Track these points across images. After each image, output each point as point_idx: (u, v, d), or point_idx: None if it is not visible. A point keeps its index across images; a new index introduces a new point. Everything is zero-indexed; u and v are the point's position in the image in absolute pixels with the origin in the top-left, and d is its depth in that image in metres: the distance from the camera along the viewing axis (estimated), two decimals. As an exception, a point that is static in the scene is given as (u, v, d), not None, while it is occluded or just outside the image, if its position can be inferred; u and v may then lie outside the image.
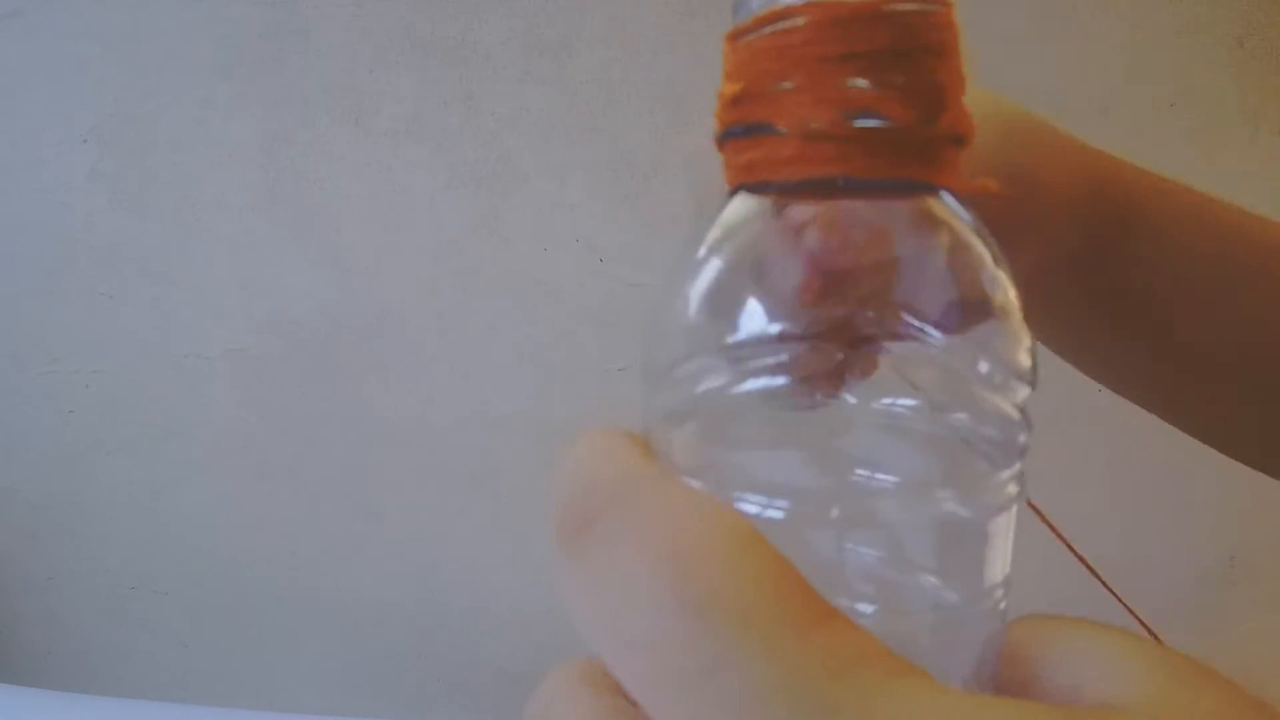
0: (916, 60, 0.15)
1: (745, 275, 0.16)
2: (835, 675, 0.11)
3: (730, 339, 0.16)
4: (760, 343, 0.15)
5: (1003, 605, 0.16)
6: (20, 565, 0.93)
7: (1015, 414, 0.16)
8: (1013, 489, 0.16)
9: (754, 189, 0.16)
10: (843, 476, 0.15)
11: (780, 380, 0.15)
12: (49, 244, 0.85)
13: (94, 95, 0.82)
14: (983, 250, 0.16)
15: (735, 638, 0.12)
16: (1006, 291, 0.16)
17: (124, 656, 0.94)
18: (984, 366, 0.16)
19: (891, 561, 0.15)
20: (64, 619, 0.94)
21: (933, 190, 0.16)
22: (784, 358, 0.15)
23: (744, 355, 0.16)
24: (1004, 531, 0.16)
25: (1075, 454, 0.82)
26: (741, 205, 0.17)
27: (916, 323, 0.15)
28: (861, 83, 0.15)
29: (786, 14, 0.15)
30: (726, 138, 0.17)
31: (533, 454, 0.86)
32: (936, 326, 0.15)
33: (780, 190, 0.16)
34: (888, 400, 0.15)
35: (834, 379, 0.16)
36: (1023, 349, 0.16)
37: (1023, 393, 0.16)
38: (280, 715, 0.68)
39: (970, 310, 0.16)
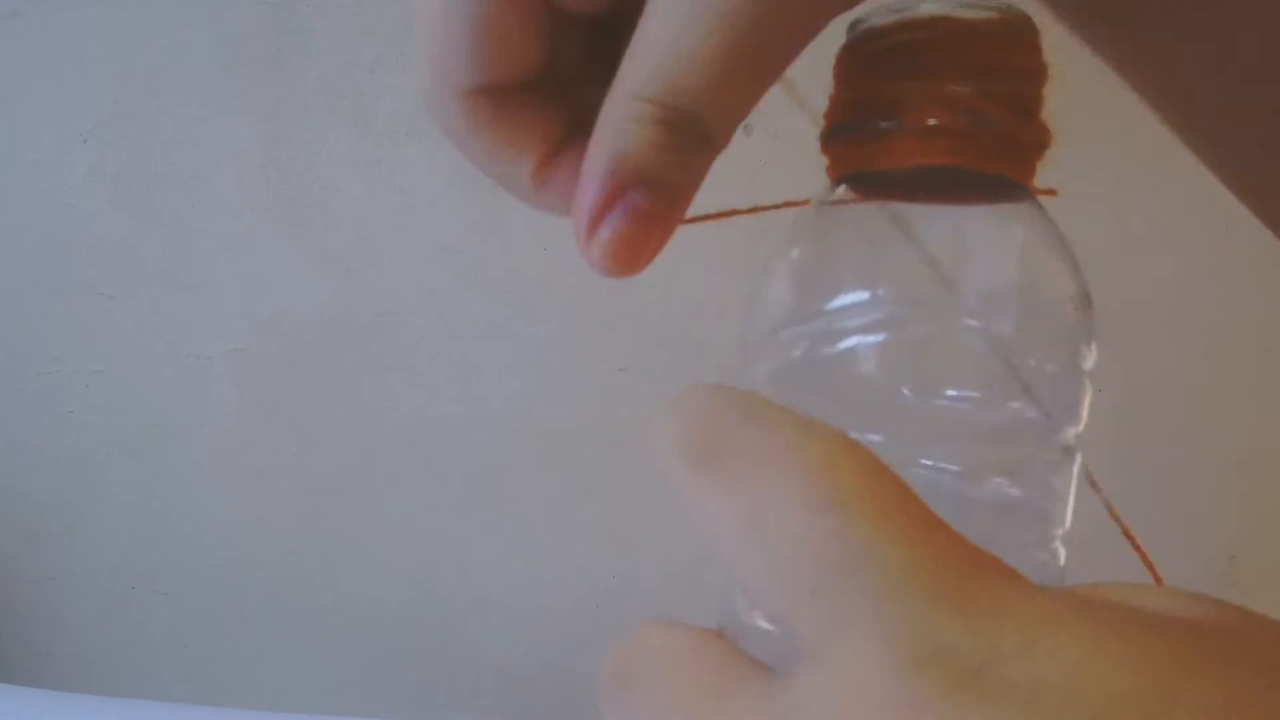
0: (1014, 75, 0.18)
1: (847, 249, 0.18)
2: (966, 566, 0.12)
3: (832, 303, 0.17)
4: (860, 305, 0.17)
5: (1061, 560, 0.18)
6: (20, 565, 0.93)
7: (1076, 388, 0.18)
8: (1071, 445, 0.18)
9: (867, 178, 0.18)
10: (906, 469, 0.16)
11: (879, 336, 0.17)
12: (49, 244, 0.85)
13: (94, 95, 0.82)
14: (1057, 242, 0.18)
15: (877, 530, 0.13)
16: (1079, 282, 0.18)
17: (124, 656, 0.94)
18: (1055, 356, 0.17)
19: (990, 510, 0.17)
20: (64, 618, 0.94)
21: (1020, 188, 0.18)
22: (880, 315, 0.17)
23: (844, 316, 0.17)
24: (1064, 489, 0.18)
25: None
26: (843, 195, 0.19)
27: (977, 323, 0.17)
28: (970, 89, 0.17)
29: (907, 28, 0.17)
30: (842, 132, 0.19)
31: (533, 454, 0.86)
32: (1007, 319, 0.17)
33: (892, 180, 0.18)
34: (952, 392, 0.17)
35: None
36: (1089, 342, 0.18)
37: (1089, 360, 0.18)
38: (280, 715, 0.68)
39: (1045, 302, 0.18)
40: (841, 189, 0.19)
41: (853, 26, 0.18)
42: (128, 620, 0.93)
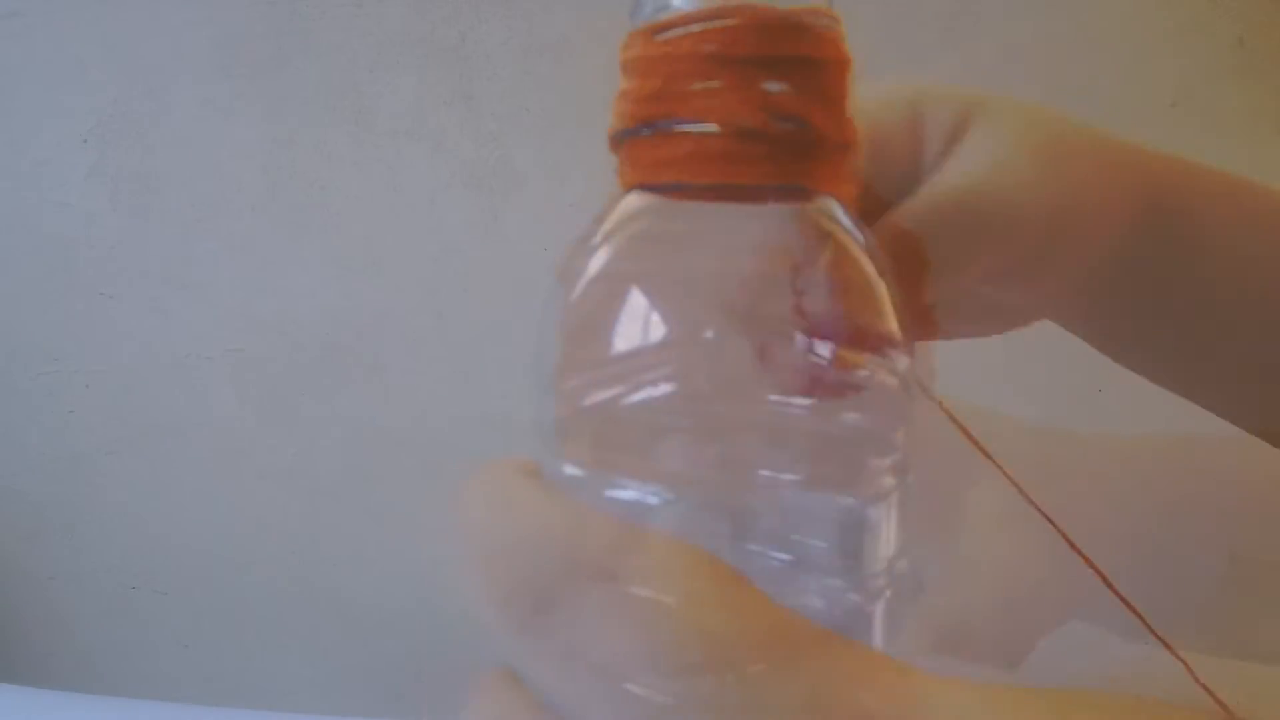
0: (828, 70, 0.16)
1: (634, 284, 0.16)
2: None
3: (615, 351, 0.15)
4: (645, 353, 0.15)
5: (888, 592, 0.16)
6: (20, 565, 0.93)
7: (898, 399, 0.16)
8: (892, 479, 0.16)
9: (667, 189, 0.16)
10: (745, 478, 0.15)
11: (665, 389, 0.15)
12: (49, 244, 0.85)
13: (94, 95, 0.82)
14: (868, 250, 0.16)
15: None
16: (893, 289, 0.16)
17: (125, 656, 0.94)
18: (865, 371, 0.16)
19: (797, 561, 0.15)
20: (65, 619, 0.94)
21: (829, 195, 0.16)
22: (669, 368, 0.15)
23: (630, 368, 0.15)
24: (891, 518, 0.16)
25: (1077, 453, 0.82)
26: (635, 205, 0.16)
27: (811, 340, 0.15)
28: (784, 87, 0.15)
29: (711, 15, 0.15)
30: (635, 134, 0.16)
31: (533, 454, 0.86)
32: (829, 335, 0.15)
33: (698, 190, 0.16)
34: (776, 398, 0.15)
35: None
36: (907, 334, 0.16)
37: (902, 363, 0.16)
38: (280, 715, 0.68)
39: (863, 317, 0.16)
40: (629, 198, 0.17)
41: (638, 5, 0.16)
42: (128, 620, 0.93)
